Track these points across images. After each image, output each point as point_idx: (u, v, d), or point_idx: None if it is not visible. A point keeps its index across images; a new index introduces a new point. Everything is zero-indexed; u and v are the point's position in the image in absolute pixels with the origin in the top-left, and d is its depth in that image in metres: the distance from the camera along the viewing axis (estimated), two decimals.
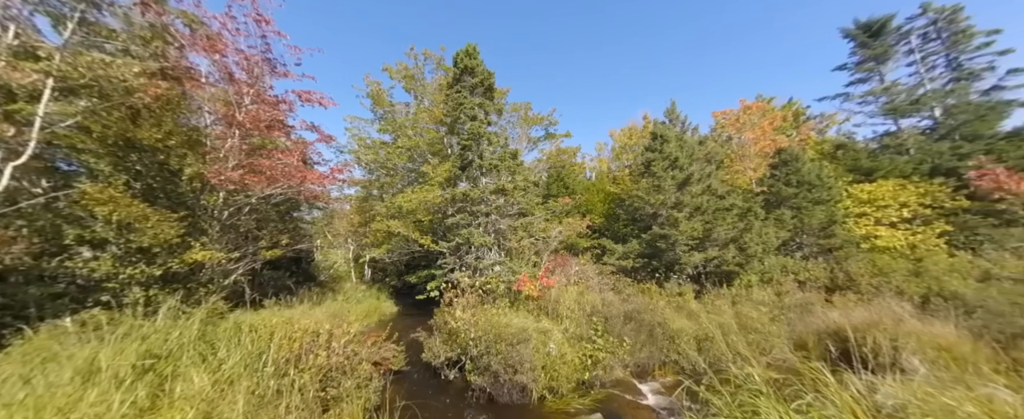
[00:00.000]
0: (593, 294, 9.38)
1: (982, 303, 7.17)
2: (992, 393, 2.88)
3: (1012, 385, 3.67)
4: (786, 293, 9.06)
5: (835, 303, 8.08)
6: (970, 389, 2.98)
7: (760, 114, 14.51)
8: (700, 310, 8.85)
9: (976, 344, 5.48)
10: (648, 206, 11.34)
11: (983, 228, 10.49)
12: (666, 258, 10.63)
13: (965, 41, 13.96)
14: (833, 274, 9.54)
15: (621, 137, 18.38)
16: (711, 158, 13.25)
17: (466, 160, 10.29)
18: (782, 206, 11.05)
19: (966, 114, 12.89)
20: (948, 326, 5.76)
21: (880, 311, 6.86)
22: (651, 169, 11.28)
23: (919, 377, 3.89)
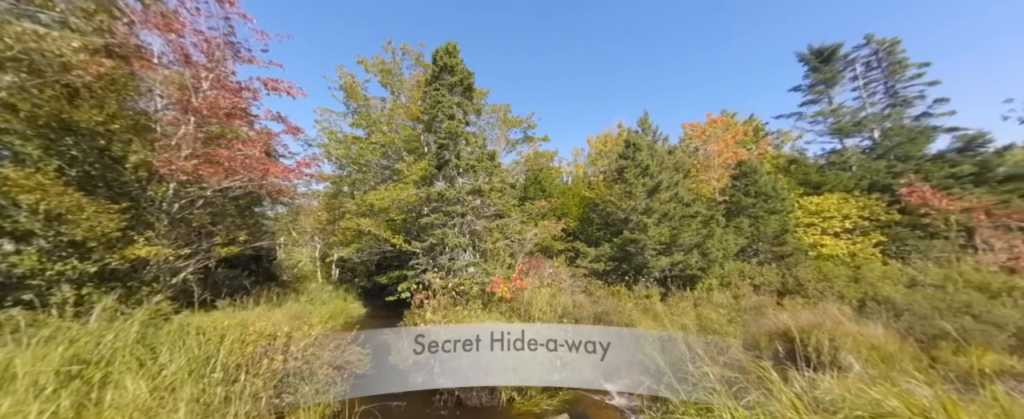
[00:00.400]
0: (565, 296, 9.53)
1: (909, 307, 7.98)
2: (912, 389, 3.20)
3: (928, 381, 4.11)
4: (743, 296, 9.63)
5: (785, 306, 8.67)
6: (895, 385, 3.30)
7: (724, 128, 15.41)
8: (665, 312, 9.23)
9: (902, 344, 6.07)
10: (620, 211, 11.69)
11: (911, 239, 11.70)
12: (635, 262, 10.99)
13: (901, 71, 15.58)
14: (784, 279, 10.25)
15: (597, 143, 18.88)
16: (679, 167, 13.89)
17: (442, 159, 10.15)
18: (741, 215, 11.76)
19: (900, 137, 14.37)
20: (879, 328, 6.33)
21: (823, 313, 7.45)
22: (623, 176, 11.65)
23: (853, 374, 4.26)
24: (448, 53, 10.42)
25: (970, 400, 2.16)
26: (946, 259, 10.38)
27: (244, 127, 8.55)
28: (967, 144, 13.59)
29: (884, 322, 7.04)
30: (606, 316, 7.88)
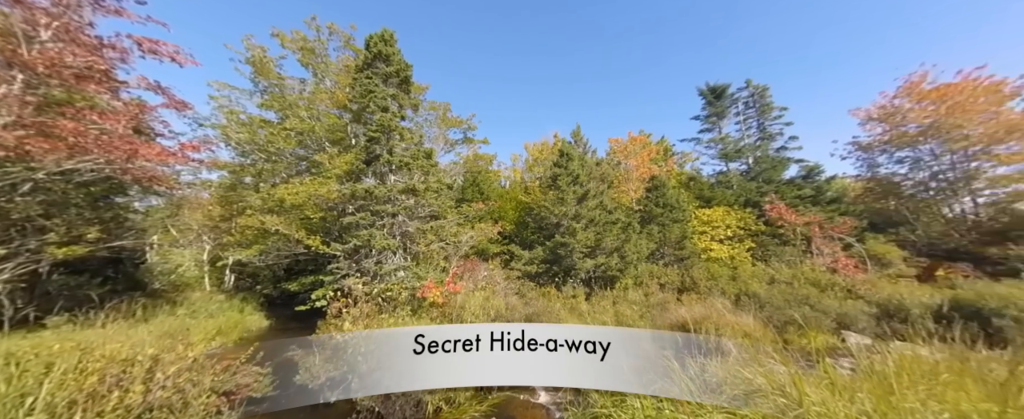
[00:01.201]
0: (499, 299, 9.56)
1: (769, 300, 9.96)
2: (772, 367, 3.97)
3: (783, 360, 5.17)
4: (652, 294, 10.92)
5: (683, 301, 10.09)
6: (760, 365, 4.05)
7: (641, 146, 17.43)
8: (589, 310, 9.95)
9: (765, 330, 7.54)
10: (553, 216, 12.27)
11: (771, 246, 14.71)
12: (565, 264, 11.63)
13: (768, 112, 19.62)
14: (683, 278, 11.92)
15: (534, 151, 19.61)
16: (604, 178, 15.23)
17: (373, 153, 9.38)
18: (652, 223, 13.38)
19: (765, 164, 18.03)
20: (749, 317, 7.73)
21: (710, 307, 8.87)
22: (557, 183, 12.28)
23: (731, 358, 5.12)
24: (384, 40, 9.73)
25: (810, 373, 2.73)
26: (793, 261, 13.34)
27: (104, 94, 6.70)
28: (808, 173, 17.72)
29: (753, 313, 8.66)
30: (536, 317, 8.12)
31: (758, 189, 16.61)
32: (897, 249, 14.14)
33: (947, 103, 13.37)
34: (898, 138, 15.23)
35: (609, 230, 11.76)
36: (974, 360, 3.33)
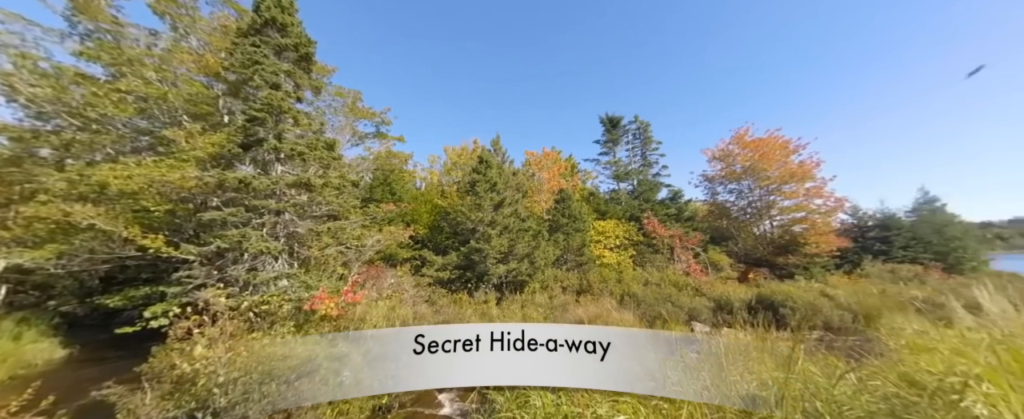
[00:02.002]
0: (406, 308, 9.00)
1: (644, 298, 11.92)
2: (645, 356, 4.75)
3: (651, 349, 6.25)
4: (555, 296, 11.87)
5: (581, 302, 11.27)
6: (636, 355, 4.81)
7: (553, 161, 19.03)
8: (499, 315, 10.21)
9: (641, 324, 8.99)
10: (469, 221, 12.27)
11: (647, 253, 17.70)
12: (479, 269, 11.71)
13: (649, 143, 23.79)
14: (581, 282, 13.33)
15: (453, 154, 19.36)
16: (520, 188, 16.04)
17: (254, 136, 7.84)
18: (559, 231, 14.64)
19: (645, 187, 21.74)
20: (630, 314, 9.08)
21: (602, 306, 10.15)
22: (475, 189, 12.37)
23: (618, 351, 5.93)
24: (280, 7, 8.33)
25: (670, 359, 3.37)
26: (661, 266, 16.33)
27: None
28: (674, 196, 22.05)
29: (632, 310, 10.24)
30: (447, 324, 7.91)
31: (639, 206, 19.88)
32: (726, 257, 18.72)
33: (759, 152, 18.53)
34: (730, 174, 20.34)
35: (521, 237, 12.38)
36: (768, 339, 4.65)
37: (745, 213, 20.23)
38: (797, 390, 2.50)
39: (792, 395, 2.42)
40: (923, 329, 4.15)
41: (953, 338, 2.60)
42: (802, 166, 17.50)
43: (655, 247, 17.87)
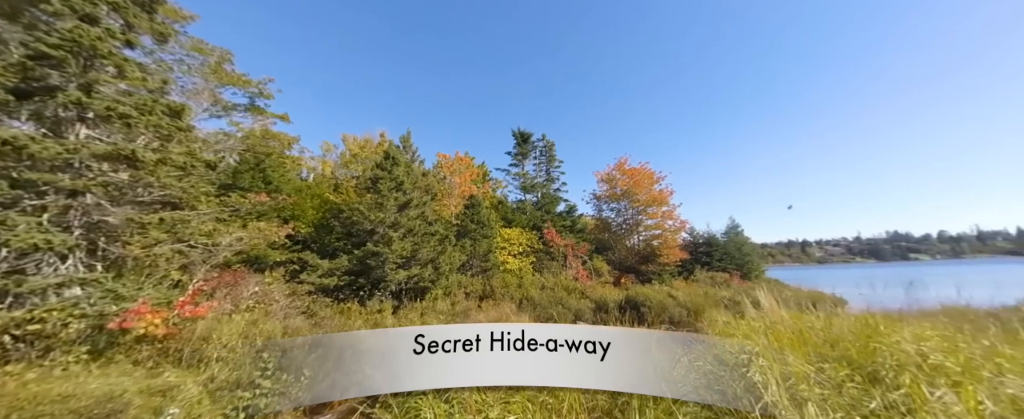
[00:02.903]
0: (273, 322, 7.54)
1: (540, 302, 12.86)
2: None
3: None
4: (458, 302, 11.74)
5: (483, 308, 11.43)
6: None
7: (465, 166, 19.06)
8: (394, 324, 9.48)
9: None
10: (368, 222, 11.13)
11: (545, 260, 19.23)
12: (374, 275, 10.67)
13: (553, 160, 26.20)
14: (485, 287, 13.57)
15: (355, 145, 17.38)
16: (429, 189, 15.45)
17: (39, 81, 5.53)
18: (467, 237, 14.65)
19: (547, 200, 23.79)
20: (527, 317, 9.63)
21: (502, 310, 10.51)
22: (378, 187, 11.35)
23: None
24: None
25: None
26: (556, 272, 17.97)
27: None
28: (569, 210, 24.70)
29: (529, 312, 10.92)
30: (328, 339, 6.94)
31: (541, 217, 21.58)
32: (606, 265, 21.86)
33: (634, 179, 22.47)
34: (612, 195, 24.03)
35: (427, 241, 11.88)
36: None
37: (621, 228, 24.13)
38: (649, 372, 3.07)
39: (645, 376, 2.97)
40: (728, 320, 5.66)
41: (744, 326, 3.62)
42: (661, 193, 21.98)
43: (552, 255, 19.59)
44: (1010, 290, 9.29)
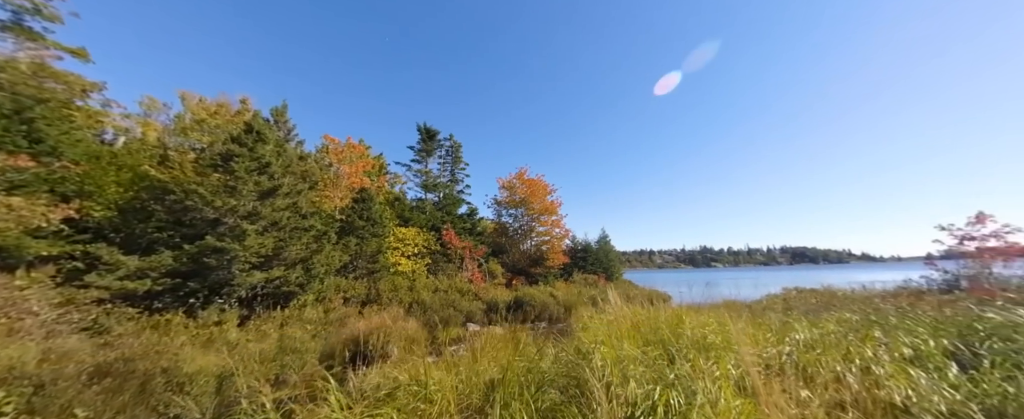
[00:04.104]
0: (26, 344, 5.18)
1: (431, 305, 12.41)
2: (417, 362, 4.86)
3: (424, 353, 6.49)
4: (333, 309, 10.29)
5: (365, 314, 10.32)
6: (406, 362, 4.85)
7: (359, 156, 17.08)
8: (240, 339, 7.64)
9: (423, 331, 9.21)
10: (211, 209, 8.73)
11: (441, 262, 18.76)
12: (214, 278, 8.42)
13: (459, 162, 25.96)
14: (370, 291, 12.32)
15: (200, 108, 13.46)
16: (307, 177, 13.19)
17: None
18: (352, 234, 13.06)
19: (449, 201, 23.39)
20: (413, 322, 9.15)
21: (389, 316, 9.70)
22: (232, 166, 9.06)
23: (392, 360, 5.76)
24: None
25: (440, 361, 3.60)
26: (451, 274, 17.71)
27: None
28: (471, 213, 24.85)
29: (418, 317, 10.39)
30: (124, 364, 5.13)
31: (441, 218, 21.05)
32: (500, 267, 22.77)
33: (531, 188, 24.19)
34: (511, 201, 25.32)
35: (298, 237, 10.05)
36: (515, 331, 5.93)
37: (517, 233, 25.61)
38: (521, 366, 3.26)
39: (515, 370, 3.14)
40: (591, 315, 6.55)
41: (597, 320, 4.21)
42: (552, 203, 24.32)
43: (449, 257, 19.27)
44: (762, 289, 13.76)
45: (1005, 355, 3.08)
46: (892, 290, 9.79)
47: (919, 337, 3.74)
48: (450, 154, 25.84)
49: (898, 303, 7.23)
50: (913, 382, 2.69)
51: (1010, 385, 2.56)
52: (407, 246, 16.91)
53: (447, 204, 22.82)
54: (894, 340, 3.69)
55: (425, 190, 23.42)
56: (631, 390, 2.50)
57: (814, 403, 2.47)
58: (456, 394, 3.37)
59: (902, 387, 2.64)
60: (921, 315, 4.93)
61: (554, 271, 23.04)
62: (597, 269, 24.97)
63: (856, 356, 3.18)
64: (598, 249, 26.79)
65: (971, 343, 3.46)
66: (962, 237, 9.50)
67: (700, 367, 2.68)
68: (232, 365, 5.15)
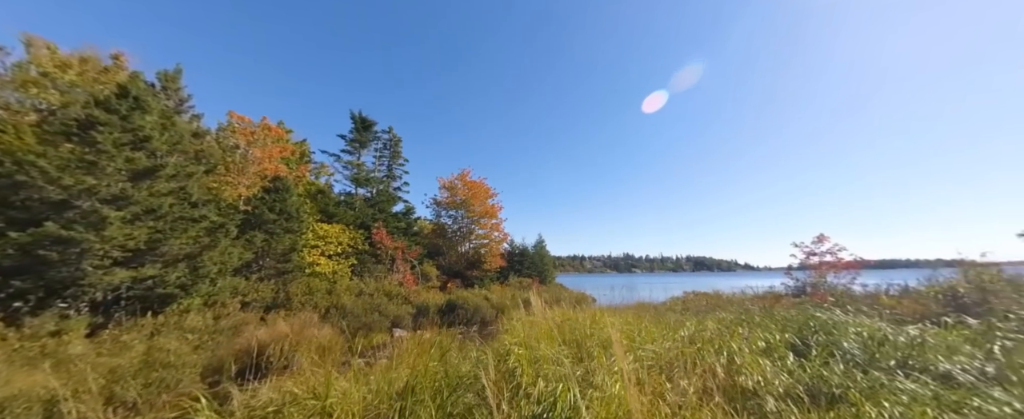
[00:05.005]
0: None
1: (353, 310, 11.48)
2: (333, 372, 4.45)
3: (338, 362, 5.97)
4: (227, 315, 8.87)
5: (269, 320, 9.11)
6: (316, 374, 4.42)
7: (275, 139, 15.10)
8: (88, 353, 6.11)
9: (340, 338, 8.46)
10: (57, 188, 6.88)
11: (370, 263, 17.51)
12: (54, 275, 6.64)
13: (398, 157, 24.62)
14: (277, 294, 10.92)
15: (51, 59, 10.53)
16: (204, 158, 11.22)
17: None
18: (259, 229, 11.46)
19: (384, 197, 22.02)
20: (329, 329, 8.38)
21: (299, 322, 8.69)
22: (92, 136, 7.28)
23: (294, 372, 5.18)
24: None
25: (349, 371, 3.36)
26: (380, 276, 16.63)
27: None
28: (407, 212, 23.71)
29: (335, 323, 9.53)
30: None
31: (373, 215, 19.71)
32: (436, 270, 22.14)
33: (472, 191, 24.07)
34: (452, 202, 24.87)
35: (183, 229, 8.47)
36: (445, 335, 5.82)
37: (456, 235, 25.22)
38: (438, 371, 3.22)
39: (429, 375, 3.09)
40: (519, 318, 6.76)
41: (519, 322, 4.38)
42: (493, 207, 24.54)
43: (379, 257, 18.09)
44: (669, 293, 15.76)
45: (825, 346, 4.02)
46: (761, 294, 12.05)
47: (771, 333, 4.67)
48: (388, 148, 24.41)
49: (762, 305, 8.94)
50: (762, 369, 3.34)
51: (825, 369, 3.35)
52: (329, 245, 15.44)
53: (380, 201, 21.45)
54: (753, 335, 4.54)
55: (356, 184, 21.69)
56: (539, 389, 2.65)
57: (690, 390, 2.92)
58: (363, 405, 3.18)
59: (755, 374, 3.26)
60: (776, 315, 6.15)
61: (491, 274, 23.19)
62: (532, 273, 25.85)
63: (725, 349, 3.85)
64: (534, 253, 27.78)
65: (805, 337, 4.43)
66: (808, 253, 12.06)
67: (603, 364, 2.97)
68: (57, 386, 4.13)
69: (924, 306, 6.35)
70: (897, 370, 3.15)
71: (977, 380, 2.81)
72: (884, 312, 5.68)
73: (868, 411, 2.43)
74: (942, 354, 3.33)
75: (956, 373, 2.92)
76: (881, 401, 2.52)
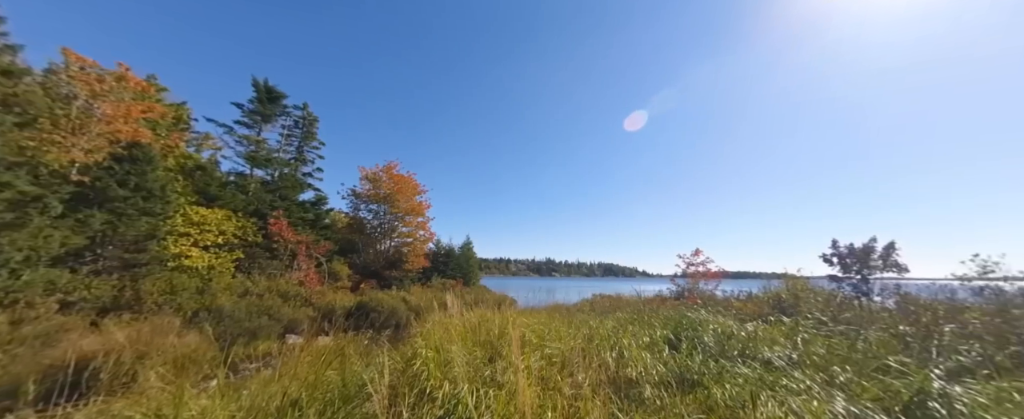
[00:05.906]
0: None
1: (231, 313, 9.63)
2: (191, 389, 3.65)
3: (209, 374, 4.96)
4: (38, 318, 6.57)
5: (103, 326, 7.05)
6: (192, 386, 3.59)
7: (137, 94, 11.84)
8: None
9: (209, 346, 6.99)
10: None
11: (262, 258, 14.93)
12: None
13: (311, 139, 21.66)
14: (121, 292, 8.54)
15: None
16: (21, 106, 8.17)
17: None
18: (101, 207, 8.83)
19: (288, 182, 19.11)
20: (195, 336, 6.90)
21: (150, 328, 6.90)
22: None
23: (136, 390, 4.12)
24: None
25: (214, 387, 2.81)
26: (275, 274, 14.30)
27: None
28: (317, 201, 21.00)
29: (204, 329, 7.85)
30: None
31: (271, 202, 16.94)
32: (347, 268, 20.07)
33: (398, 185, 22.61)
34: (374, 196, 22.95)
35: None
36: (349, 340, 5.28)
37: (376, 231, 23.34)
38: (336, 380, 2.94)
39: (323, 387, 2.81)
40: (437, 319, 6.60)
41: (432, 325, 4.31)
42: (421, 205, 23.49)
43: (274, 252, 15.58)
44: (581, 295, 17.26)
45: (691, 340, 4.91)
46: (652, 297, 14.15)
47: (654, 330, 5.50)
48: (301, 127, 21.35)
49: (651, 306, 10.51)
50: (645, 362, 3.92)
51: (689, 360, 4.09)
52: (206, 233, 12.73)
53: (283, 186, 18.58)
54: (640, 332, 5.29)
55: (252, 164, 18.37)
56: (444, 391, 2.64)
57: (585, 383, 3.25)
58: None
59: (639, 366, 3.81)
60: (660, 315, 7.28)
61: (413, 275, 22.04)
62: (457, 274, 25.43)
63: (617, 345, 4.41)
64: (461, 254, 27.41)
65: (678, 333, 5.34)
66: (688, 263, 14.64)
67: (513, 363, 3.11)
68: None
69: (760, 308, 8.27)
70: (738, 358, 4.05)
71: (786, 365, 3.79)
72: (733, 313, 7.23)
73: (715, 392, 3.08)
74: (766, 345, 4.40)
75: (774, 359, 3.90)
76: (725, 383, 3.21)
